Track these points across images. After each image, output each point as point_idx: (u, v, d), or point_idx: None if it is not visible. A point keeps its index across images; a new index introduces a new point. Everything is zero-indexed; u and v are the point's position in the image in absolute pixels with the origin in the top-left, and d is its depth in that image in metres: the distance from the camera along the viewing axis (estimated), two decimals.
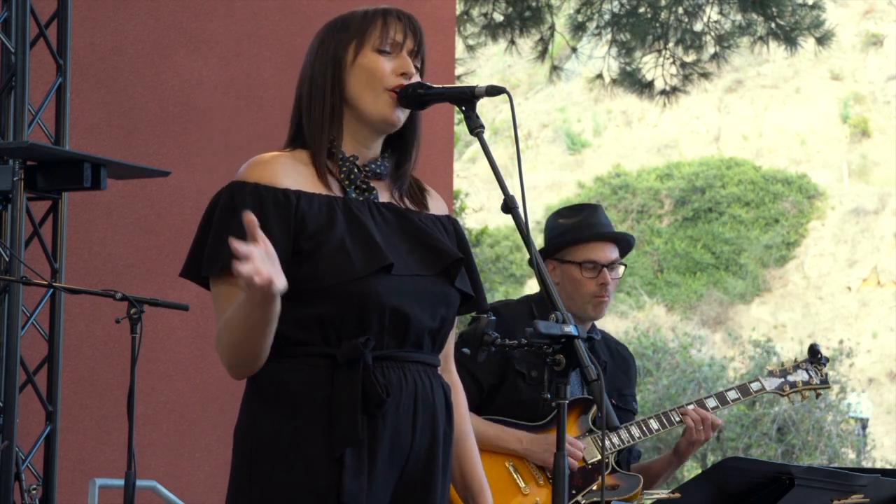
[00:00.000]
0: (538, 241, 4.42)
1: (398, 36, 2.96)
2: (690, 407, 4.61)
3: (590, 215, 4.61)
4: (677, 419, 4.61)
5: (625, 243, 4.68)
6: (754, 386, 4.76)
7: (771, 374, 4.85)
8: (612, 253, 4.58)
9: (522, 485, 4.43)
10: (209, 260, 2.85)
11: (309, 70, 2.99)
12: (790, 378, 4.82)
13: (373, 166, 2.99)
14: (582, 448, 4.46)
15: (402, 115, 2.96)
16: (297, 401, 2.83)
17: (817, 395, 4.90)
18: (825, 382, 4.86)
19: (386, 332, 2.86)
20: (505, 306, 4.57)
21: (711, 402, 4.68)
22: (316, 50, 2.99)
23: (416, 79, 2.97)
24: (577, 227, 4.58)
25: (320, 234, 2.86)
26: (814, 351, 4.88)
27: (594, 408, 4.51)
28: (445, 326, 2.97)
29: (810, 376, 4.84)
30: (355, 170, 2.96)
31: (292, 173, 2.91)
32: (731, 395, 4.73)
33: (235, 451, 2.90)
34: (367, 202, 2.96)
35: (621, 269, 4.61)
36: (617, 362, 4.69)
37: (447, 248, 2.98)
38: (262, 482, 2.84)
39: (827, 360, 4.89)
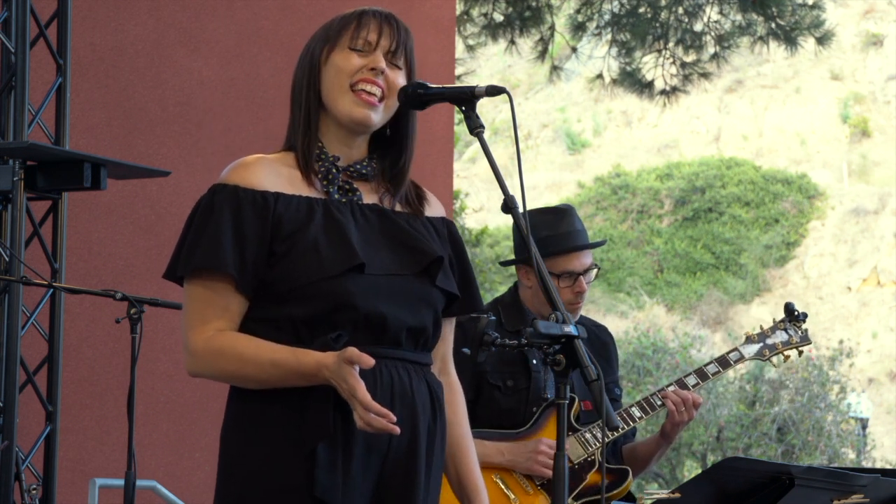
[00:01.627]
0: None
1: (371, 35, 2.95)
2: (671, 389, 4.57)
3: (566, 223, 4.58)
4: (659, 403, 4.59)
5: (596, 247, 4.69)
6: (733, 356, 4.70)
7: (749, 340, 4.76)
8: (587, 259, 4.59)
9: (512, 497, 4.42)
10: (185, 260, 2.88)
11: (293, 77, 3.03)
12: (769, 341, 4.75)
13: (357, 167, 2.99)
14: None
15: (374, 116, 2.95)
16: (272, 399, 2.85)
17: (800, 353, 4.79)
18: (806, 339, 4.76)
19: (360, 330, 2.86)
20: (470, 320, 4.54)
21: (691, 380, 4.64)
22: (301, 55, 3.03)
23: (400, 78, 2.97)
24: (556, 239, 4.54)
25: (295, 235, 2.88)
26: (789, 309, 4.79)
27: (576, 405, 4.51)
28: (429, 325, 2.97)
29: (790, 335, 4.76)
30: (333, 170, 2.96)
31: (274, 175, 2.92)
32: (711, 368, 4.67)
33: (220, 452, 2.94)
34: (350, 203, 2.96)
35: (594, 272, 4.61)
36: (596, 348, 4.67)
37: (427, 248, 2.98)
38: (241, 480, 2.86)
39: (805, 315, 4.78)
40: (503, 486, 4.42)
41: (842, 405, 22.68)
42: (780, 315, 4.84)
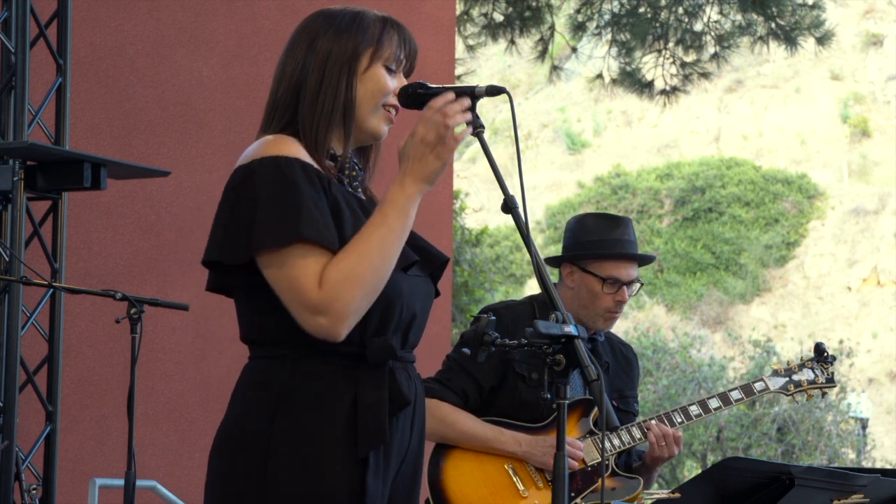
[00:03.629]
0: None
1: (403, 56, 2.95)
2: (653, 422, 4.55)
3: (620, 231, 4.57)
4: (679, 420, 4.60)
5: (645, 261, 4.69)
6: (758, 386, 4.70)
7: (775, 373, 4.77)
8: (634, 271, 4.57)
9: (521, 488, 4.42)
10: (303, 224, 2.72)
11: (320, 61, 2.91)
12: (795, 377, 4.75)
13: (353, 164, 2.99)
14: (581, 448, 4.45)
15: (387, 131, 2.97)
16: (319, 401, 2.78)
17: (823, 395, 4.83)
18: (831, 381, 4.78)
19: (400, 332, 2.85)
20: (506, 308, 4.55)
21: (714, 403, 4.64)
22: (330, 44, 2.92)
23: None
24: (608, 242, 4.53)
25: (346, 225, 2.82)
26: (820, 350, 4.80)
27: (595, 409, 4.50)
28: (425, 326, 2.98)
29: (816, 375, 4.77)
30: (356, 168, 2.95)
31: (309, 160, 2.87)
32: (735, 395, 4.67)
33: (236, 451, 2.82)
34: (357, 199, 2.94)
35: (637, 285, 4.60)
36: (619, 363, 4.68)
37: (436, 251, 2.99)
38: (280, 484, 2.77)
39: (834, 358, 4.81)
40: (514, 476, 4.42)
41: (842, 405, 22.70)
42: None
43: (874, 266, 34.00)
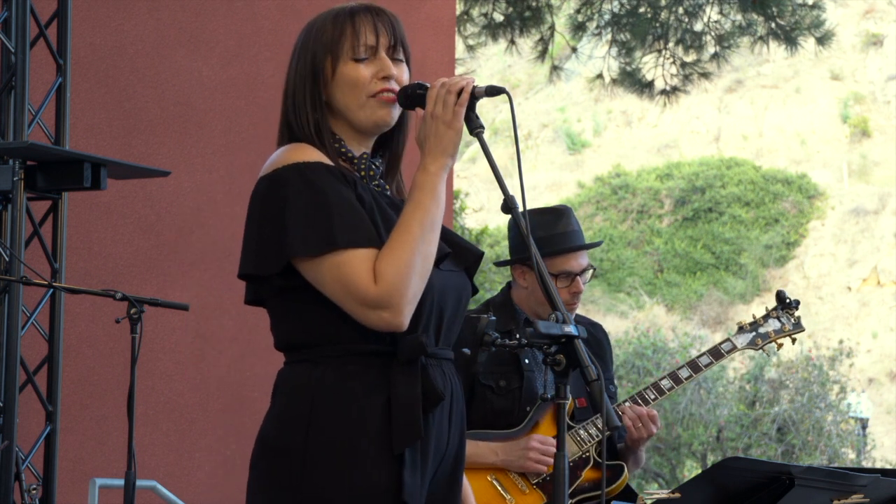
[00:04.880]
0: None
1: (370, 38, 2.90)
2: (627, 405, 4.54)
3: (563, 223, 4.56)
4: (653, 396, 4.58)
5: (593, 247, 4.68)
6: (725, 346, 4.65)
7: (741, 329, 4.72)
8: (584, 260, 4.57)
9: (508, 497, 4.41)
10: (337, 230, 2.74)
11: (292, 78, 2.93)
12: (761, 330, 4.70)
13: (376, 162, 2.97)
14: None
15: (395, 114, 2.94)
16: (354, 401, 2.77)
17: (793, 341, 4.74)
18: (798, 326, 4.72)
19: (432, 329, 2.84)
20: (469, 319, 4.52)
21: (684, 373, 4.60)
22: (297, 57, 2.94)
23: (404, 74, 2.94)
24: (553, 239, 4.52)
25: (377, 223, 2.82)
26: (781, 297, 4.76)
27: (569, 401, 4.50)
28: (462, 321, 2.96)
29: (782, 323, 4.72)
30: (374, 166, 2.94)
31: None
32: (704, 360, 4.62)
33: (274, 458, 2.80)
34: (385, 197, 2.93)
35: (590, 272, 4.60)
36: (591, 346, 4.65)
37: (469, 245, 2.98)
38: (317, 486, 2.76)
39: (797, 302, 4.75)
40: (499, 487, 4.42)
41: (842, 405, 22.69)
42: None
43: (874, 266, 33.99)
